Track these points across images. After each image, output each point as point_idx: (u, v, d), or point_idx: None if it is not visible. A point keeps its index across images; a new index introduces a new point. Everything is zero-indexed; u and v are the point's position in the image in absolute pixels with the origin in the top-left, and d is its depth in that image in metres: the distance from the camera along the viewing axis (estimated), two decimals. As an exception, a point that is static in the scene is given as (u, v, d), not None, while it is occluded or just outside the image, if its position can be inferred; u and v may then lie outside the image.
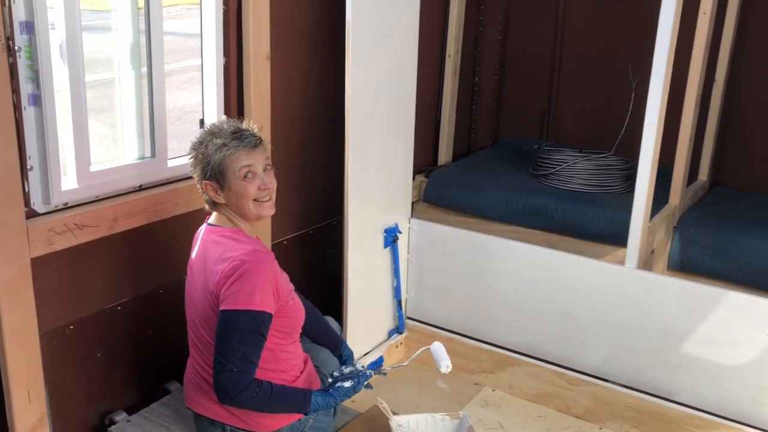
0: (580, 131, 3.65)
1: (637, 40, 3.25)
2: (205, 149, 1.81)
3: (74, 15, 1.86)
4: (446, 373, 2.10)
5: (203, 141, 1.83)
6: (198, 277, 1.86)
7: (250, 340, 1.74)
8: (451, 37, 3.33)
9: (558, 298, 2.59)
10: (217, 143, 1.80)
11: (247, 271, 1.74)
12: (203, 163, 1.81)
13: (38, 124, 1.83)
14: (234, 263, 1.74)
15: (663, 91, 2.30)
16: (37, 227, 1.84)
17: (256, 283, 1.74)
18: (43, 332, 1.94)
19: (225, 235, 1.85)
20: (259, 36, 2.34)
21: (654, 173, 2.37)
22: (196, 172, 1.85)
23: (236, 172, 1.80)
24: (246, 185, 1.81)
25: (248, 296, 1.73)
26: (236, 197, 1.83)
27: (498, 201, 3.11)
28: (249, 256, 1.76)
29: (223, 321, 1.74)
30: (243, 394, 1.73)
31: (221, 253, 1.80)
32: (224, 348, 1.73)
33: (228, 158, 1.79)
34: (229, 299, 1.73)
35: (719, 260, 2.65)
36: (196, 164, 1.84)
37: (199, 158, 1.82)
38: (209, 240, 1.87)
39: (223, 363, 1.72)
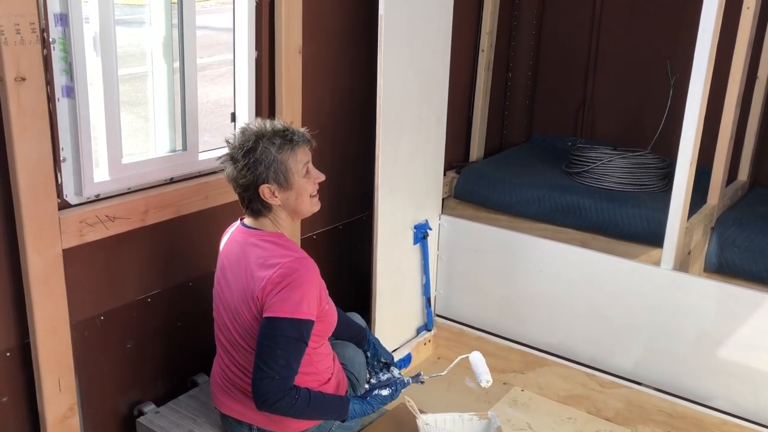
0: (615, 128, 3.58)
1: (675, 35, 3.18)
2: (261, 153, 1.75)
3: (108, 8, 1.86)
4: (486, 387, 2.08)
5: (252, 146, 1.76)
6: (234, 280, 1.83)
7: (293, 348, 1.73)
8: (485, 32, 3.28)
9: (590, 299, 2.54)
10: (276, 143, 1.77)
11: (296, 279, 1.72)
12: (262, 166, 1.75)
13: (71, 115, 1.84)
14: (282, 270, 1.72)
15: (704, 88, 2.23)
16: (69, 218, 1.85)
17: (304, 292, 1.73)
18: (74, 323, 1.96)
19: (267, 240, 1.82)
20: (291, 29, 2.33)
21: (692, 172, 2.30)
22: (246, 177, 1.76)
23: (299, 170, 1.80)
24: (306, 182, 1.83)
25: (296, 304, 1.72)
26: (296, 195, 1.82)
27: (530, 198, 3.06)
28: (297, 264, 1.75)
29: (268, 328, 1.72)
30: (282, 402, 1.71)
31: (266, 258, 1.77)
32: (267, 355, 1.71)
33: (291, 158, 1.78)
34: (276, 306, 1.71)
35: (758, 262, 2.58)
36: (249, 170, 1.75)
37: (254, 163, 1.75)
38: (248, 243, 1.82)
39: (264, 370, 1.70)
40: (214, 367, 1.99)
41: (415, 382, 2.02)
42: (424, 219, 2.75)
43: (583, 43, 3.57)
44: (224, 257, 1.90)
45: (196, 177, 2.23)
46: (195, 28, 2.14)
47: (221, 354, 1.93)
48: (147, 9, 2.12)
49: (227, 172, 1.82)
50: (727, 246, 2.65)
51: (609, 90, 3.57)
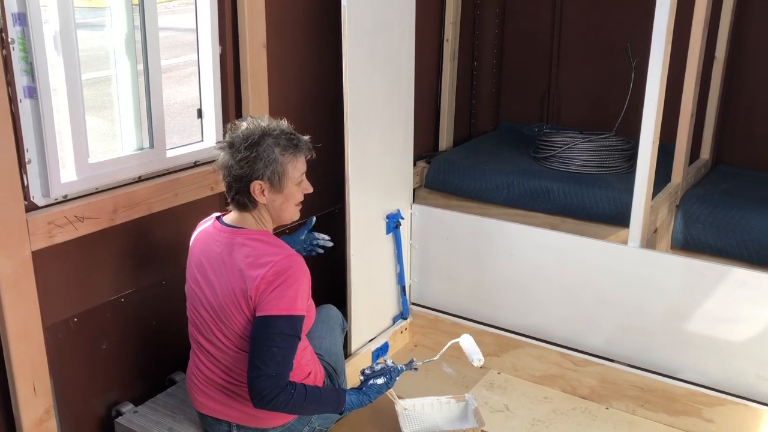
0: (580, 113, 3.64)
1: (635, 19, 3.23)
2: (264, 150, 1.75)
3: (67, 6, 1.85)
4: (479, 366, 2.12)
5: (257, 141, 1.75)
6: (218, 280, 1.81)
7: (289, 344, 1.74)
8: (449, 22, 3.31)
9: (562, 280, 2.58)
10: (281, 145, 1.77)
11: (290, 276, 1.73)
12: (261, 163, 1.75)
13: (35, 116, 1.83)
14: (276, 268, 1.73)
15: (662, 69, 2.28)
16: (37, 220, 1.84)
17: (298, 288, 1.74)
18: (47, 325, 1.95)
19: (254, 238, 1.81)
20: (254, 24, 2.34)
21: (655, 152, 2.36)
22: (243, 169, 1.75)
23: (295, 177, 1.82)
24: (297, 190, 1.85)
25: (291, 302, 1.73)
26: (283, 200, 1.82)
27: (499, 185, 3.10)
28: (290, 261, 1.76)
29: (264, 326, 1.72)
30: (279, 398, 1.72)
31: (256, 257, 1.76)
32: (263, 353, 1.71)
33: (291, 163, 1.79)
34: (272, 304, 1.72)
35: (722, 238, 2.64)
36: (248, 163, 1.74)
37: (255, 157, 1.74)
38: (234, 243, 1.81)
39: (261, 368, 1.70)
40: (190, 368, 1.98)
41: (408, 369, 2.04)
42: (396, 209, 2.77)
43: (546, 31, 3.62)
44: (202, 256, 1.87)
45: (165, 174, 2.22)
46: (157, 28, 2.13)
47: (199, 355, 1.92)
48: (108, 11, 2.10)
49: (222, 159, 1.79)
50: (692, 222, 2.72)
51: (573, 76, 3.62)
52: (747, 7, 3.07)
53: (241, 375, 1.79)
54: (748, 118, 3.20)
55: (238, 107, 2.43)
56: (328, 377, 2.06)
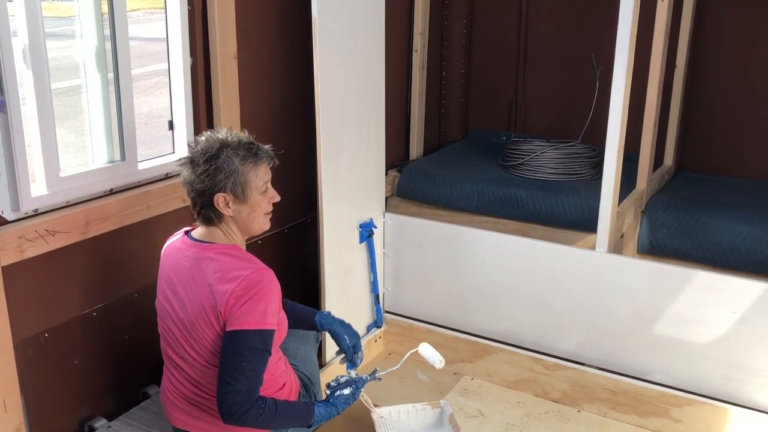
0: (547, 121, 3.70)
1: (599, 29, 3.31)
2: (223, 162, 1.73)
3: (36, 19, 1.83)
4: (441, 368, 2.16)
5: (216, 153, 1.74)
6: (187, 296, 1.79)
7: (259, 359, 1.73)
8: (417, 32, 3.35)
9: (532, 285, 2.63)
10: (240, 155, 1.75)
11: (260, 291, 1.72)
12: (221, 175, 1.73)
13: (4, 130, 1.80)
14: (245, 283, 1.71)
15: (626, 78, 2.35)
16: (7, 235, 1.82)
17: (267, 303, 1.73)
18: (18, 341, 1.92)
19: (223, 252, 1.79)
20: (225, 36, 2.34)
21: (620, 159, 2.42)
22: (204, 183, 1.74)
23: (258, 186, 1.80)
24: (263, 199, 1.83)
25: (261, 316, 1.72)
26: (250, 210, 1.81)
27: (469, 193, 3.14)
28: (259, 275, 1.74)
29: (234, 341, 1.71)
30: (250, 413, 1.71)
31: (225, 271, 1.74)
32: (233, 368, 1.70)
33: (252, 172, 1.77)
34: (242, 319, 1.71)
35: (687, 242, 2.72)
36: (208, 176, 1.73)
37: (215, 170, 1.73)
38: (202, 258, 1.79)
39: (230, 383, 1.69)
40: (163, 383, 1.96)
41: (372, 379, 2.06)
42: (368, 218, 2.79)
43: (512, 41, 3.69)
44: (171, 272, 1.85)
45: (136, 187, 2.21)
46: (128, 37, 2.12)
47: (171, 370, 1.90)
48: (77, 21, 2.09)
49: (184, 175, 1.79)
50: (657, 227, 2.79)
51: (539, 85, 3.69)
52: (705, 17, 3.17)
53: (213, 390, 1.78)
54: (709, 124, 3.29)
55: (209, 118, 2.42)
56: (303, 387, 2.06)
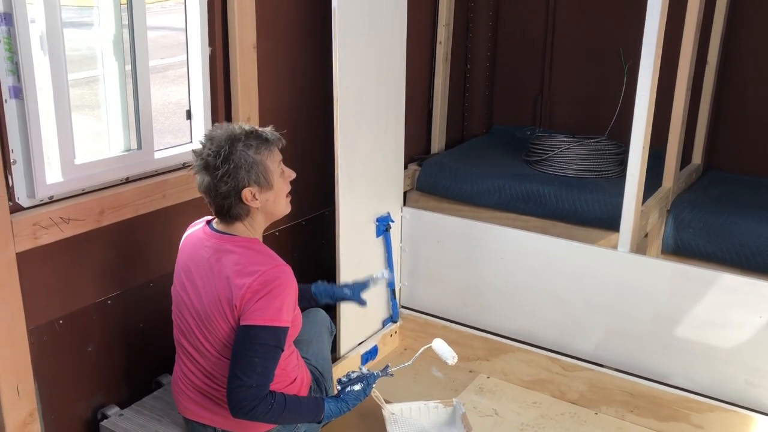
0: (573, 116, 3.64)
1: (628, 23, 3.23)
2: (240, 157, 1.71)
3: (54, 6, 1.83)
4: (453, 364, 2.13)
5: (230, 151, 1.71)
6: (204, 287, 1.78)
7: (271, 355, 1.72)
8: (442, 24, 3.30)
9: (551, 284, 2.58)
10: (254, 145, 1.73)
11: (276, 287, 1.71)
12: (242, 170, 1.71)
13: (20, 116, 1.81)
14: (263, 278, 1.70)
15: (653, 74, 2.28)
16: (21, 221, 1.82)
17: (283, 300, 1.72)
18: (32, 327, 1.93)
19: (243, 245, 1.78)
20: (244, 25, 2.32)
21: (645, 157, 2.35)
22: (228, 184, 1.71)
23: (277, 170, 1.79)
24: (283, 181, 1.82)
25: (276, 312, 1.70)
26: (275, 196, 1.80)
27: (491, 188, 3.10)
28: (277, 272, 1.73)
29: (246, 336, 1.70)
30: (258, 408, 1.70)
31: (244, 265, 1.73)
32: (244, 363, 1.69)
33: (269, 159, 1.76)
34: (256, 314, 1.69)
35: (713, 243, 2.64)
36: (230, 176, 1.70)
37: (235, 168, 1.71)
38: (222, 249, 1.78)
39: (241, 378, 1.68)
40: (175, 372, 1.96)
41: (384, 375, 2.04)
42: (386, 212, 2.76)
43: (539, 34, 3.62)
44: (190, 261, 1.85)
45: (152, 176, 2.21)
46: (146, 27, 2.11)
47: (184, 359, 1.90)
48: (96, 11, 2.08)
49: (203, 183, 1.75)
50: (683, 228, 2.71)
51: (566, 79, 3.62)
52: (739, 12, 3.07)
53: (224, 381, 1.77)
54: (739, 123, 3.20)
55: (227, 108, 2.41)
56: (315, 382, 2.05)
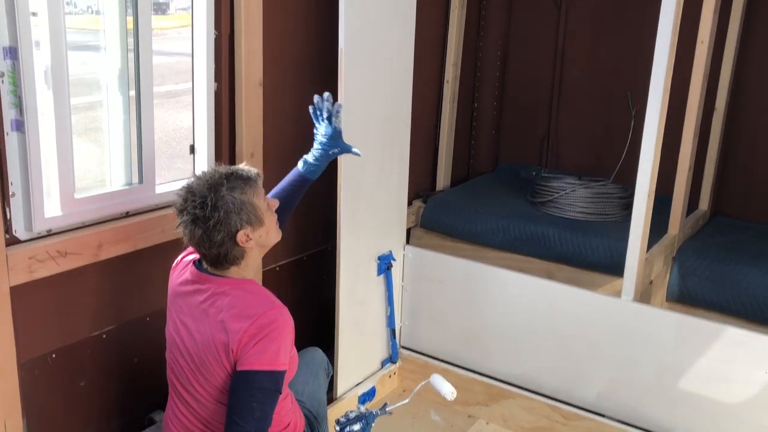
0: (579, 157, 3.62)
1: (636, 67, 3.23)
2: (229, 203, 1.68)
3: (60, 40, 1.84)
4: (452, 399, 2.08)
5: (215, 198, 1.67)
6: (198, 330, 1.74)
7: (270, 399, 1.68)
8: (450, 63, 3.31)
9: (554, 330, 2.53)
10: (238, 187, 1.70)
11: (274, 330, 1.67)
12: (233, 215, 1.68)
13: (21, 149, 1.80)
14: (260, 322, 1.66)
15: (659, 121, 2.27)
16: (17, 255, 1.80)
17: (281, 343, 1.69)
18: (23, 361, 1.90)
19: (237, 287, 1.74)
20: (251, 62, 2.33)
21: (650, 208, 2.33)
22: (222, 233, 1.67)
23: (263, 205, 1.76)
24: (270, 213, 1.80)
25: (274, 356, 1.67)
26: (266, 231, 1.77)
27: (495, 228, 3.07)
28: (274, 314, 1.70)
29: (245, 381, 1.66)
30: None
31: (240, 308, 1.70)
32: (243, 408, 1.65)
33: (254, 196, 1.73)
34: (254, 359, 1.66)
35: (720, 292, 2.60)
36: (222, 224, 1.67)
37: (225, 214, 1.67)
38: (216, 292, 1.74)
39: (239, 424, 1.63)
40: (167, 414, 1.91)
41: (382, 414, 2.00)
42: (388, 250, 2.74)
43: (547, 75, 3.62)
44: (182, 301, 1.81)
45: (152, 210, 2.19)
46: (151, 55, 2.09)
47: (177, 402, 1.85)
48: (102, 35, 2.07)
49: (194, 236, 1.70)
50: (688, 275, 2.67)
51: (573, 120, 3.61)
52: (747, 59, 3.07)
53: (218, 427, 1.73)
54: (747, 169, 3.17)
55: (231, 143, 2.41)
56: (308, 426, 2.00)
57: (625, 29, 3.37)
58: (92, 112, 2.40)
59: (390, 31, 2.54)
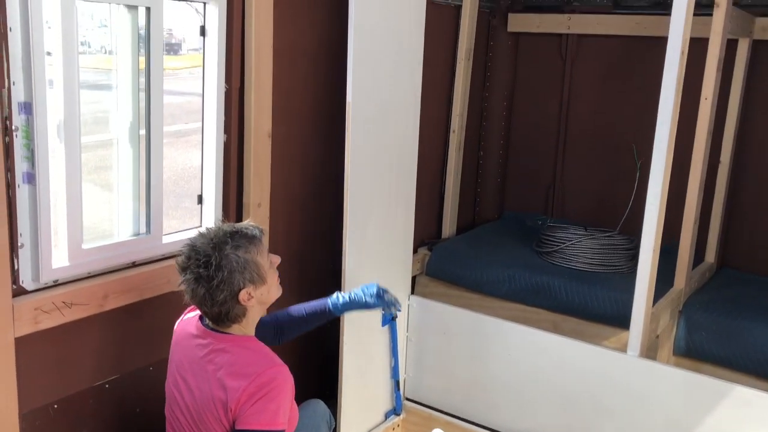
0: (585, 207, 3.63)
1: (641, 119, 3.26)
2: (231, 261, 1.68)
3: (73, 96, 1.88)
4: None
5: (219, 258, 1.68)
6: (197, 386, 1.74)
7: None
8: (456, 114, 3.35)
9: (560, 384, 2.51)
10: (242, 245, 1.71)
11: (273, 389, 1.67)
12: (237, 274, 1.69)
13: (31, 202, 1.82)
14: (259, 381, 1.66)
15: (664, 176, 2.28)
16: (23, 306, 1.81)
17: (280, 403, 1.68)
18: (25, 412, 1.89)
19: (238, 344, 1.74)
20: (260, 115, 2.36)
21: (656, 260, 2.32)
22: (224, 292, 1.68)
23: (266, 264, 1.77)
24: (273, 270, 1.80)
25: (273, 416, 1.66)
26: (267, 289, 1.78)
27: (501, 278, 3.07)
28: (273, 373, 1.69)
29: None
30: None
31: (239, 366, 1.69)
32: None
33: (258, 254, 1.74)
34: (252, 418, 1.65)
35: (727, 347, 2.58)
36: (225, 283, 1.67)
37: (229, 274, 1.68)
38: (216, 349, 1.74)
39: None
40: None
41: None
42: (392, 300, 2.73)
43: (552, 125, 3.66)
44: (183, 356, 1.81)
45: (159, 260, 2.21)
46: (162, 95, 2.11)
47: None
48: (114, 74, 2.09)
49: (196, 295, 1.70)
50: (695, 330, 2.65)
51: (578, 170, 3.63)
52: (751, 114, 3.09)
53: None
54: (754, 222, 3.17)
55: (239, 194, 2.43)
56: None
57: (630, 82, 3.41)
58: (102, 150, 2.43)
59: (397, 85, 2.58)
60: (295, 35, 2.53)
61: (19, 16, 1.72)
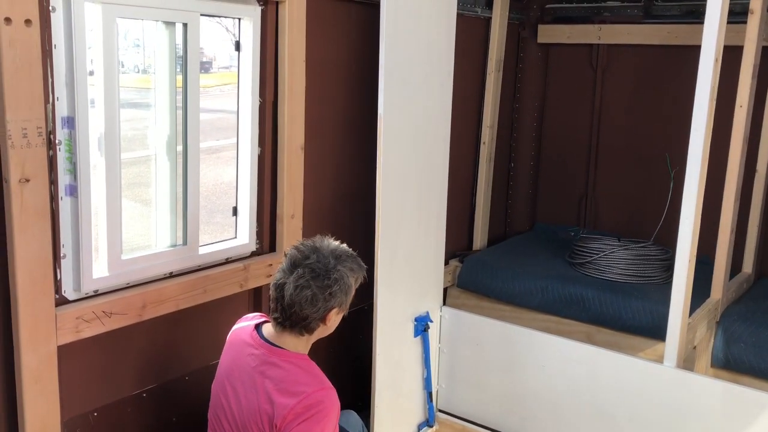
0: (618, 218, 3.60)
1: (674, 128, 3.23)
2: (344, 277, 1.70)
3: (114, 111, 1.93)
4: None
5: (337, 269, 1.69)
6: (245, 396, 1.75)
7: None
8: (486, 126, 3.36)
9: (595, 396, 2.48)
10: (354, 269, 1.73)
11: (320, 412, 1.67)
12: (342, 293, 1.71)
13: (73, 213, 1.88)
14: (307, 402, 1.66)
15: (699, 185, 2.25)
16: (65, 315, 1.86)
17: (325, 425, 1.68)
18: (66, 419, 1.94)
19: (289, 360, 1.74)
20: (293, 128, 2.40)
21: (691, 272, 2.29)
22: (329, 302, 1.69)
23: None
24: None
25: None
26: (335, 323, 1.79)
27: (533, 289, 3.05)
28: (321, 395, 1.69)
29: None
30: None
31: (289, 383, 1.70)
32: None
33: (355, 284, 1.77)
34: None
35: (766, 359, 2.52)
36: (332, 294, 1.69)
37: (339, 289, 1.70)
38: (268, 361, 1.74)
39: None
40: None
41: None
42: (425, 311, 2.73)
43: (584, 136, 3.64)
44: (234, 364, 1.81)
45: (195, 271, 2.24)
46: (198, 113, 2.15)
47: None
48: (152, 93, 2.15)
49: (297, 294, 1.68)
50: (733, 341, 2.61)
51: (611, 181, 3.61)
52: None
53: None
54: (792, 231, 3.11)
55: (273, 205, 2.47)
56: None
57: (662, 91, 3.38)
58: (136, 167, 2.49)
59: (428, 96, 2.60)
60: (327, 48, 2.57)
61: (63, 33, 1.78)
